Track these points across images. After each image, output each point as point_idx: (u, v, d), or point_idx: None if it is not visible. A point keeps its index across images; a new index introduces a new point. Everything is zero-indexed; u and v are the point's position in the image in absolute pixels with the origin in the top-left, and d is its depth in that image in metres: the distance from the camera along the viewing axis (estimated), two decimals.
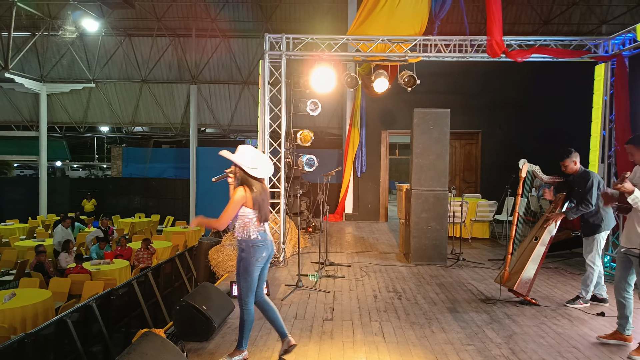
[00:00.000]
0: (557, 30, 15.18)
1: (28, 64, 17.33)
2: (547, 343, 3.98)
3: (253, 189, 3.40)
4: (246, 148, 3.44)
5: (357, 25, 7.19)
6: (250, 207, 3.40)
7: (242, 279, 3.50)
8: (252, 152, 3.43)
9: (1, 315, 5.65)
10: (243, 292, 3.50)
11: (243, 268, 3.48)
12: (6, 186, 20.13)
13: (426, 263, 6.96)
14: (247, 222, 3.44)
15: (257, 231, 3.47)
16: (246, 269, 3.47)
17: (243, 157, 3.40)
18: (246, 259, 3.47)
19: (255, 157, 3.43)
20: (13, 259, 9.47)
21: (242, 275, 3.49)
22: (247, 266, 3.46)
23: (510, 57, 6.75)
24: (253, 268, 3.47)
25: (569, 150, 4.92)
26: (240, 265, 3.51)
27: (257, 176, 3.44)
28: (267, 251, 3.54)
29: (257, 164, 3.41)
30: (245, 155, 3.41)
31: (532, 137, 11.37)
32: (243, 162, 3.39)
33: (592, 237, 4.90)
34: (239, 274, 3.52)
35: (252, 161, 3.41)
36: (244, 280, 3.49)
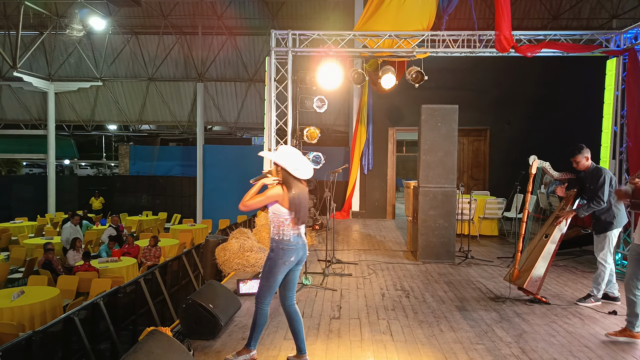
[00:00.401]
0: (567, 25, 14.99)
1: (36, 63, 17.44)
2: (558, 342, 3.91)
3: (292, 190, 3.32)
4: (286, 148, 3.40)
5: (364, 21, 7.13)
6: (286, 208, 3.31)
7: (264, 277, 3.41)
8: (292, 151, 3.38)
9: (10, 312, 5.67)
10: (261, 291, 3.42)
11: (268, 267, 3.39)
12: (15, 184, 20.29)
13: (434, 261, 6.90)
14: (282, 222, 3.35)
15: (292, 234, 3.37)
16: (271, 269, 3.37)
17: (284, 157, 3.34)
18: (273, 260, 3.37)
19: (296, 157, 3.36)
20: (22, 256, 9.53)
21: (265, 274, 3.40)
22: (272, 267, 3.37)
23: (520, 52, 6.66)
24: (278, 270, 3.36)
25: (580, 146, 4.83)
26: (266, 264, 3.42)
27: (299, 177, 3.36)
28: (296, 255, 3.41)
29: (298, 164, 3.34)
30: (286, 155, 3.35)
31: (542, 134, 11.25)
32: (284, 162, 3.32)
33: (603, 234, 4.81)
34: (263, 272, 3.44)
35: (294, 161, 3.33)
36: (265, 280, 3.40)
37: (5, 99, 18.71)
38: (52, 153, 17.78)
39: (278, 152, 3.39)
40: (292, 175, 3.33)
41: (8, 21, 16.24)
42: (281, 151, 3.39)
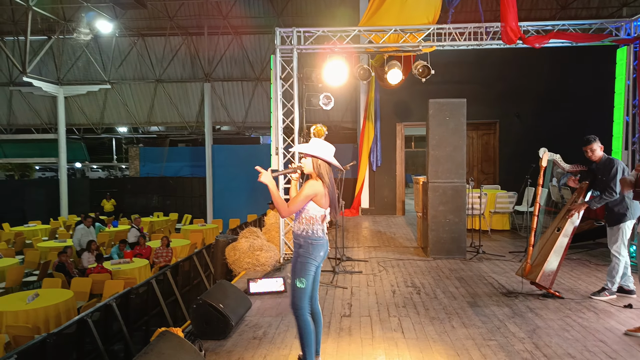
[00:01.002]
0: (576, 15, 14.78)
1: (45, 68, 17.62)
2: (572, 337, 3.86)
3: (327, 183, 3.20)
4: (317, 140, 3.27)
5: (368, 16, 7.08)
6: (323, 205, 3.18)
7: (296, 278, 3.19)
8: (323, 142, 3.25)
9: (25, 315, 5.75)
10: (297, 295, 3.17)
11: (300, 266, 3.19)
12: (28, 188, 20.56)
13: (445, 257, 6.85)
14: (312, 217, 3.19)
15: (320, 229, 3.22)
16: (303, 267, 3.18)
17: (319, 148, 3.21)
18: (304, 257, 3.19)
19: (327, 147, 3.25)
20: (36, 259, 9.65)
21: (298, 275, 3.18)
22: (303, 265, 3.18)
23: (528, 43, 6.57)
24: (310, 267, 3.19)
25: (593, 136, 4.77)
26: (296, 263, 3.23)
27: (339, 166, 3.35)
28: (324, 250, 3.27)
29: (331, 154, 3.23)
30: (321, 146, 3.22)
31: (552, 126, 11.12)
32: (322, 153, 3.19)
33: (617, 226, 4.74)
34: (295, 272, 3.21)
35: (328, 152, 3.22)
36: (298, 280, 3.19)
37: (16, 104, 18.95)
38: (63, 156, 17.97)
39: (313, 145, 3.23)
40: (326, 167, 3.21)
41: (17, 27, 16.42)
42: (316, 144, 3.24)
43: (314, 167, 3.20)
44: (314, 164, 3.20)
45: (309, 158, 3.21)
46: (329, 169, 3.24)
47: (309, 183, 3.16)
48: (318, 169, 3.19)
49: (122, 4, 12.65)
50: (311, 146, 3.23)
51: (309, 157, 3.21)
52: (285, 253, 7.02)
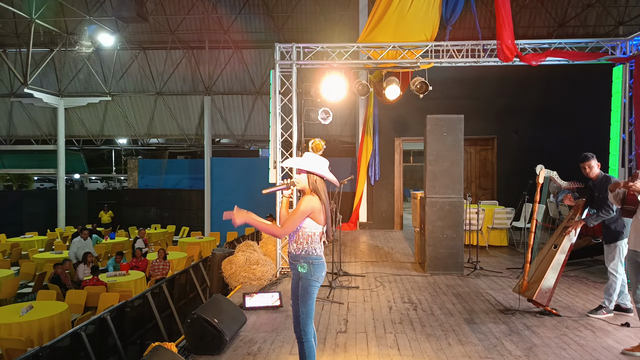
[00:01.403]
0: (573, 33, 14.96)
1: (46, 79, 17.73)
2: (569, 355, 3.84)
3: (323, 199, 3.09)
4: (311, 154, 3.19)
5: (367, 32, 7.17)
6: (320, 222, 3.07)
7: (301, 302, 3.03)
8: (317, 157, 3.17)
9: (18, 328, 5.69)
10: (303, 318, 3.03)
11: (303, 290, 3.03)
12: (26, 199, 20.51)
13: (442, 272, 6.83)
14: (311, 235, 3.07)
15: (319, 247, 3.11)
16: (306, 290, 3.03)
17: (314, 163, 3.11)
18: (306, 279, 3.05)
19: (322, 163, 3.15)
20: (32, 271, 9.59)
21: (302, 298, 3.03)
22: (307, 286, 3.04)
23: (525, 61, 6.64)
24: (314, 289, 3.06)
25: (589, 154, 4.80)
26: (298, 287, 3.09)
27: (334, 181, 3.20)
28: (325, 270, 3.17)
29: (327, 170, 3.14)
30: (315, 161, 3.13)
31: (550, 142, 11.17)
32: (317, 168, 3.09)
33: (614, 244, 4.74)
34: (298, 297, 3.06)
35: (323, 167, 3.12)
36: (303, 304, 3.03)
37: (17, 115, 19.02)
38: (62, 168, 17.98)
39: (309, 161, 3.12)
40: (322, 183, 3.12)
41: (19, 39, 16.57)
42: (309, 158, 3.14)
43: (310, 183, 3.10)
44: (309, 180, 3.10)
45: (303, 174, 3.10)
46: (324, 184, 3.15)
47: (305, 199, 3.04)
48: (314, 184, 3.09)
49: (124, 18, 12.78)
50: (306, 161, 3.13)
51: (304, 172, 3.10)
52: (282, 267, 6.99)
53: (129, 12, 12.40)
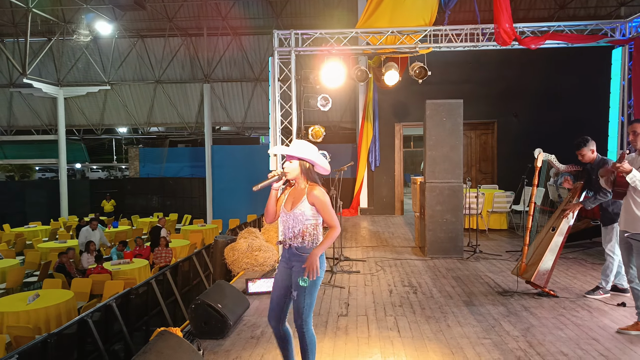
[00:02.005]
0: (574, 15, 14.82)
1: (45, 69, 17.67)
2: (565, 335, 3.92)
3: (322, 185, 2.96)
4: (299, 141, 3.01)
5: (365, 18, 7.14)
6: None
7: (307, 294, 2.93)
8: (307, 143, 3.00)
9: (26, 316, 5.80)
10: (306, 310, 2.95)
11: (312, 282, 2.93)
12: (28, 189, 20.63)
13: (442, 256, 6.91)
14: (317, 225, 2.97)
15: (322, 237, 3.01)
16: (314, 282, 2.93)
17: (307, 150, 2.93)
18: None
19: (314, 149, 2.97)
20: (37, 260, 9.71)
21: (309, 289, 2.93)
22: (317, 279, 2.94)
23: (524, 45, 6.63)
24: (319, 281, 2.96)
25: (585, 138, 4.81)
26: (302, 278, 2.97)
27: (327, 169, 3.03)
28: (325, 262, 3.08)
29: (320, 157, 2.99)
30: (306, 147, 2.95)
31: (549, 125, 11.17)
32: (311, 155, 2.92)
33: (611, 226, 4.79)
34: (306, 289, 2.93)
35: (317, 154, 2.96)
36: (309, 296, 2.94)
37: (16, 106, 19.00)
38: (63, 157, 18.03)
39: (299, 147, 2.94)
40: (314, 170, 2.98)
41: (17, 29, 16.48)
42: (300, 145, 2.96)
43: (302, 171, 2.94)
44: (301, 168, 2.94)
45: (295, 162, 2.93)
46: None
47: (319, 191, 2.91)
48: (308, 172, 2.95)
49: (121, 5, 12.69)
50: (296, 148, 2.96)
51: (295, 160, 2.93)
52: None
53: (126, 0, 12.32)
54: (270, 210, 3.05)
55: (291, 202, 3.00)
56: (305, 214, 2.92)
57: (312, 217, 2.94)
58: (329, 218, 2.91)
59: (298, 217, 2.93)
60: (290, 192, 3.05)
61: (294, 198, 2.99)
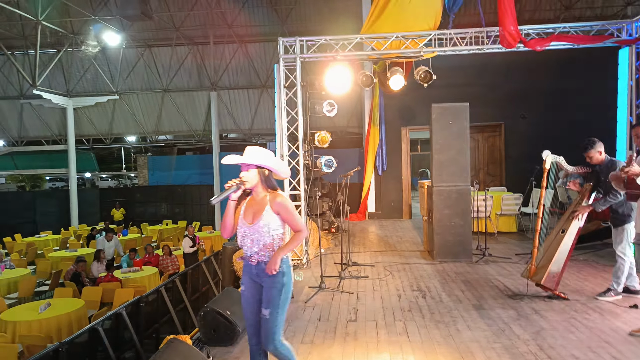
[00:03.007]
0: (580, 15, 14.75)
1: (54, 80, 17.92)
2: (576, 338, 3.88)
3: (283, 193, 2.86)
4: (252, 148, 2.84)
5: (370, 23, 7.17)
6: None
7: (281, 310, 2.77)
8: (261, 149, 2.85)
9: (38, 325, 5.85)
10: (277, 330, 2.78)
11: (284, 296, 2.78)
12: (39, 199, 20.85)
13: (451, 260, 6.87)
14: (283, 235, 2.84)
15: None
16: (287, 297, 2.80)
17: (262, 155, 2.80)
18: (288, 284, 2.81)
19: (270, 154, 2.85)
20: (48, 269, 9.80)
21: (282, 305, 2.77)
22: (288, 292, 2.81)
23: (529, 47, 6.61)
24: (290, 294, 2.85)
25: (592, 140, 4.77)
26: (281, 293, 2.78)
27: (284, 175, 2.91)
28: None
29: (279, 163, 2.87)
30: (261, 153, 2.81)
31: (558, 126, 11.09)
32: (270, 162, 2.80)
33: (621, 227, 4.74)
34: (278, 305, 2.76)
35: (275, 160, 2.85)
36: (282, 312, 2.78)
37: (27, 117, 19.28)
38: (73, 167, 18.22)
39: (255, 154, 2.80)
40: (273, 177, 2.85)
41: (27, 41, 16.74)
42: (256, 152, 2.81)
43: (261, 179, 2.80)
44: (260, 176, 2.80)
45: (252, 170, 2.78)
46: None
47: (280, 197, 2.78)
48: (266, 180, 2.81)
49: (129, 16, 12.84)
50: (252, 155, 2.79)
51: (252, 168, 2.79)
52: (292, 259, 7.08)
53: (133, 11, 12.46)
54: (227, 223, 2.84)
55: (252, 213, 2.81)
56: (271, 226, 2.76)
57: (279, 227, 2.79)
58: (295, 223, 2.78)
59: (262, 230, 2.75)
60: (248, 202, 2.87)
61: (255, 209, 2.81)
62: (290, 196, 7.15)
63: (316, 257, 7.53)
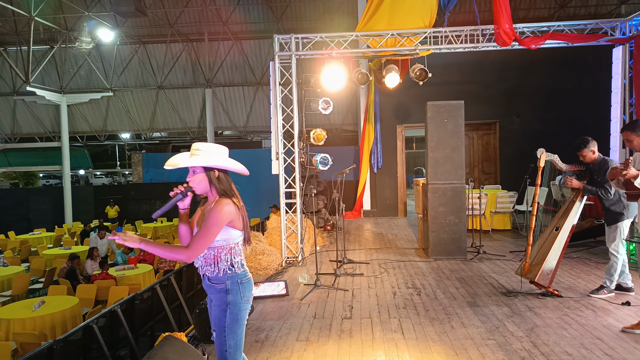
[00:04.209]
0: (575, 14, 14.84)
1: (48, 77, 17.81)
2: (570, 335, 3.91)
3: (236, 198, 2.43)
4: (199, 144, 2.45)
5: (365, 20, 7.17)
6: (240, 227, 2.43)
7: (229, 333, 2.40)
8: (213, 145, 2.47)
9: (32, 322, 5.83)
10: (231, 352, 2.41)
11: (232, 317, 2.39)
12: (33, 196, 20.71)
13: (446, 257, 6.90)
14: (232, 247, 2.41)
15: (243, 261, 2.49)
16: (236, 318, 2.40)
17: (210, 154, 2.41)
18: (234, 303, 2.40)
19: (224, 153, 2.47)
20: (42, 267, 9.74)
21: (230, 327, 2.39)
22: (237, 313, 2.40)
23: (524, 45, 6.63)
24: (244, 314, 2.44)
25: (585, 139, 4.80)
26: (226, 314, 2.39)
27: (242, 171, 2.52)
28: (253, 288, 2.53)
29: (232, 161, 2.47)
30: (213, 152, 2.42)
31: (552, 124, 11.16)
32: (222, 162, 2.41)
33: (614, 225, 4.78)
34: (225, 327, 2.39)
35: (225, 155, 2.46)
36: (232, 336, 2.40)
37: (20, 113, 19.15)
38: (67, 164, 18.13)
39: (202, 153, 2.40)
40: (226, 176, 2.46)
41: (20, 37, 16.61)
42: (205, 150, 2.41)
43: (212, 182, 2.41)
44: (210, 178, 2.41)
45: (199, 173, 2.40)
46: (228, 177, 2.47)
47: (219, 205, 2.34)
48: (219, 183, 2.41)
49: (123, 12, 12.79)
50: (197, 156, 2.40)
51: (199, 171, 2.40)
52: (287, 257, 7.09)
53: (127, 7, 12.41)
54: (181, 233, 2.52)
55: (202, 220, 2.45)
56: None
57: (220, 240, 2.37)
58: (199, 236, 2.29)
59: None
60: (204, 208, 2.52)
61: (205, 215, 2.45)
62: (286, 194, 7.16)
63: (311, 255, 7.54)
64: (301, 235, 7.16)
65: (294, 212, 7.24)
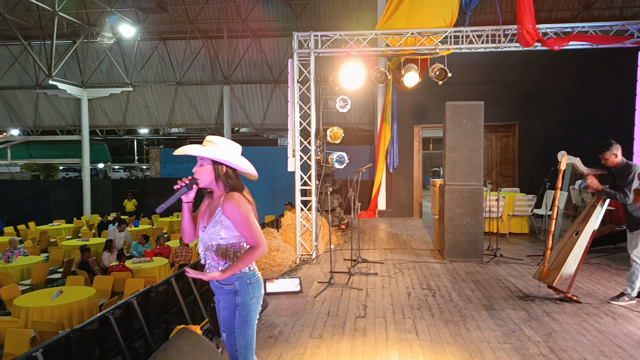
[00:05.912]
0: (599, 15, 14.52)
1: (70, 71, 18.12)
2: (588, 341, 3.83)
3: (247, 194, 2.38)
4: (217, 139, 2.38)
5: (385, 19, 7.12)
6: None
7: (239, 334, 2.35)
8: (225, 141, 2.40)
9: (50, 311, 5.94)
10: (242, 353, 2.37)
11: (241, 319, 2.33)
12: (53, 188, 21.10)
13: (461, 259, 6.83)
14: (242, 245, 2.37)
15: None
16: (246, 319, 2.34)
17: (224, 150, 2.34)
18: (243, 304, 2.34)
19: (234, 148, 2.41)
20: (60, 257, 9.92)
21: (240, 329, 2.34)
22: (246, 314, 2.34)
23: (547, 46, 6.51)
24: (255, 314, 2.39)
25: (608, 142, 4.70)
26: (233, 316, 2.35)
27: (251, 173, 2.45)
28: (262, 287, 2.47)
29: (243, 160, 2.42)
30: (223, 148, 2.35)
31: (573, 127, 10.95)
32: (230, 158, 2.34)
33: (637, 231, 4.67)
34: (235, 328, 2.35)
35: (237, 153, 2.41)
36: (242, 337, 2.35)
37: (42, 107, 19.52)
38: (86, 157, 18.42)
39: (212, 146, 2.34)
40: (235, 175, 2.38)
41: (43, 31, 16.93)
42: (214, 144, 2.35)
43: (218, 177, 2.34)
44: (216, 173, 2.34)
45: (207, 164, 2.33)
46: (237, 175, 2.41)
47: (231, 199, 2.27)
48: (226, 179, 2.35)
49: (144, 8, 12.93)
50: (208, 147, 2.34)
51: (207, 162, 2.34)
52: (301, 254, 7.09)
53: (148, 3, 12.54)
54: (184, 227, 2.44)
55: (208, 215, 2.40)
56: (219, 233, 2.32)
57: (228, 237, 2.32)
58: (248, 234, 2.26)
59: (214, 236, 2.34)
60: (210, 201, 2.45)
61: (211, 210, 2.39)
62: (301, 191, 7.16)
63: (326, 253, 7.53)
64: (316, 233, 7.16)
65: (309, 210, 7.24)
